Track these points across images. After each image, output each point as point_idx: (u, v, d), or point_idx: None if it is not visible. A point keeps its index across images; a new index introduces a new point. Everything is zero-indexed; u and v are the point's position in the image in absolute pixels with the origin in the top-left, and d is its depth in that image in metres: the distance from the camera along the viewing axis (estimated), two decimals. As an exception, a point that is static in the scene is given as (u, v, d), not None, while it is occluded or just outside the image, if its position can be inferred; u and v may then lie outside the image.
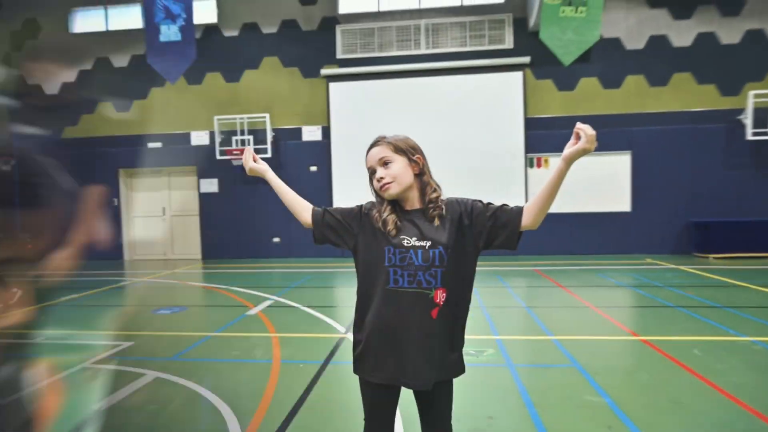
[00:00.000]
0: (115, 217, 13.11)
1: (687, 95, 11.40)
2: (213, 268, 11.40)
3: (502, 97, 11.87)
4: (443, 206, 1.76)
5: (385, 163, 1.77)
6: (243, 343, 5.14)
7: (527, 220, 1.69)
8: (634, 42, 11.58)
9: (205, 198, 12.84)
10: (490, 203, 1.78)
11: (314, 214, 1.93)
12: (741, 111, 11.06)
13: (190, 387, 3.88)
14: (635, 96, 11.58)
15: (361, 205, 1.89)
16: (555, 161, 11.62)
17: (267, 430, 3.11)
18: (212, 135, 12.65)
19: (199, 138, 12.85)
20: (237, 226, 12.63)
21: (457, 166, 11.66)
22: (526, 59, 11.66)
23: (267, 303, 7.06)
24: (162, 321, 6.24)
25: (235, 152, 12.13)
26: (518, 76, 11.80)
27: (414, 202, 1.80)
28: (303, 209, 1.96)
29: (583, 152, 1.54)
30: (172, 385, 3.92)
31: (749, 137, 10.87)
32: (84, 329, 5.80)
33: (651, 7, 11.52)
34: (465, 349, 1.85)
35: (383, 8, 12.37)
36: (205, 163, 12.72)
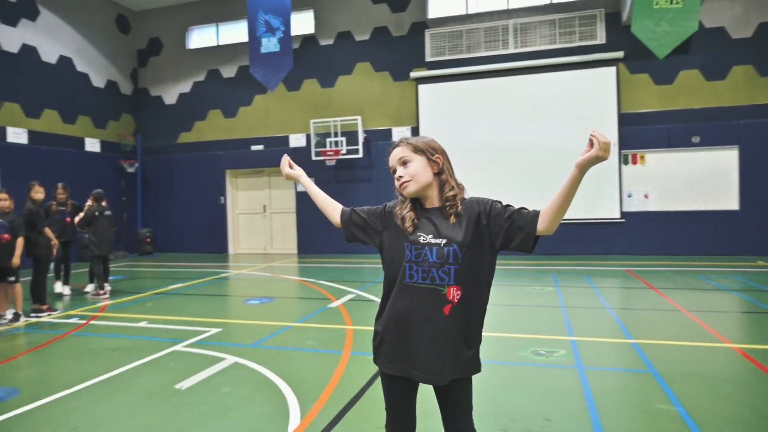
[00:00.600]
0: (221, 214, 14.44)
1: (804, 85, 10.50)
2: (306, 262, 12.13)
3: (594, 94, 11.61)
4: (460, 205, 1.77)
5: (404, 163, 1.80)
6: (319, 333, 5.34)
7: (542, 226, 1.67)
8: (741, 30, 10.85)
9: (301, 196, 13.67)
10: (508, 205, 1.76)
11: (342, 214, 2.01)
12: None
13: (262, 372, 4.10)
14: (743, 87, 10.84)
15: (386, 204, 1.93)
16: (651, 157, 11.20)
17: (325, 416, 3.23)
18: (308, 137, 13.51)
19: (297, 140, 13.78)
20: (330, 223, 13.26)
21: (547, 165, 11.54)
22: (620, 54, 11.32)
23: (349, 296, 7.32)
24: (250, 310, 6.64)
25: (329, 153, 12.87)
26: (611, 71, 11.48)
27: (433, 201, 1.81)
28: (333, 210, 2.05)
29: (597, 160, 1.50)
30: (247, 370, 4.17)
31: None
32: (181, 315, 6.31)
33: (761, -8, 10.75)
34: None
35: (471, 11, 12.56)
36: (302, 163, 13.53)
